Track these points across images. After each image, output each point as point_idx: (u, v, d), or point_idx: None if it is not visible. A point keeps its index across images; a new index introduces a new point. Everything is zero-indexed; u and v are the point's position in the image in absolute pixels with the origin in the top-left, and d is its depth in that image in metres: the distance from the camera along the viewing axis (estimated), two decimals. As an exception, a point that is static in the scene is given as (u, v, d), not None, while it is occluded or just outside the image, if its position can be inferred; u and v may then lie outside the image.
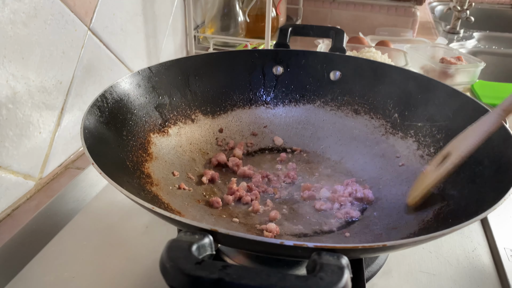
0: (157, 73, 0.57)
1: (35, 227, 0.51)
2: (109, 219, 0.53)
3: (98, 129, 0.45)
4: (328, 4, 1.36)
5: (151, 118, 0.55)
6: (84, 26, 0.63)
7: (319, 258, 0.26)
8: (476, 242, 0.51)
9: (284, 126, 0.64)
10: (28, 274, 0.45)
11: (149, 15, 0.82)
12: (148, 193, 0.45)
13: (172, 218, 0.31)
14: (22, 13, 0.51)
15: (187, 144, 0.58)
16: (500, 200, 0.34)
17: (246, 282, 0.24)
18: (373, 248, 0.30)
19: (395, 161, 0.55)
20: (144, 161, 0.50)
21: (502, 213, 0.55)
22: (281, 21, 1.22)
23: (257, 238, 0.29)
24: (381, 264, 0.46)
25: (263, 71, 0.65)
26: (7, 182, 0.53)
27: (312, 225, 0.48)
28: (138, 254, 0.47)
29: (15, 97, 0.52)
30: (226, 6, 1.04)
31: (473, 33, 1.34)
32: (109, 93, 0.49)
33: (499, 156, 0.43)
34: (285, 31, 0.68)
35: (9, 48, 0.50)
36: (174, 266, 0.25)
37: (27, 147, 0.56)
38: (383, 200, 0.51)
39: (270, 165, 0.59)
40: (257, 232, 0.47)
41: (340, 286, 0.24)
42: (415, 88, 0.57)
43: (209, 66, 0.62)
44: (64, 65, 0.60)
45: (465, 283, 0.45)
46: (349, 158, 0.59)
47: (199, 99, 0.61)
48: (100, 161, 0.37)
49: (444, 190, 0.47)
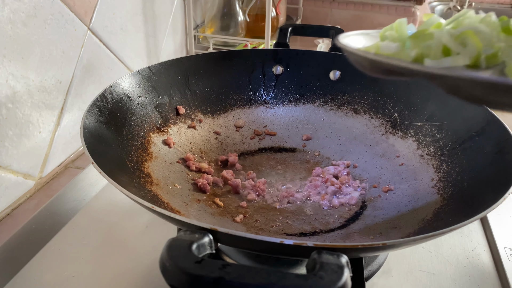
0: (157, 72, 0.57)
1: (35, 226, 0.51)
2: (109, 219, 0.53)
3: (98, 129, 0.45)
4: (328, 3, 1.36)
5: (151, 117, 0.55)
6: (83, 26, 0.63)
7: (319, 257, 0.26)
8: (476, 241, 0.51)
9: (284, 125, 0.65)
10: (27, 273, 0.45)
11: (149, 15, 0.82)
12: (148, 193, 0.45)
13: (172, 217, 0.31)
14: (21, 12, 0.51)
15: (187, 143, 0.58)
16: (500, 199, 0.34)
17: (246, 281, 0.24)
18: (372, 247, 0.30)
19: (395, 161, 0.55)
20: (144, 160, 0.50)
21: (502, 213, 0.55)
22: (281, 21, 1.22)
23: (257, 237, 0.29)
24: (380, 263, 0.46)
25: (263, 70, 0.65)
26: (6, 182, 0.53)
27: (312, 224, 0.48)
28: (138, 254, 0.47)
29: (14, 97, 0.52)
30: (226, 6, 1.04)
31: (473, 33, 1.34)
32: (109, 92, 0.49)
33: (499, 156, 0.43)
34: (285, 31, 0.68)
35: (8, 48, 0.50)
36: (174, 265, 0.25)
37: (27, 147, 0.56)
38: (383, 199, 0.51)
39: (270, 165, 0.59)
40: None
41: (340, 285, 0.24)
42: (415, 88, 0.57)
43: (209, 65, 0.62)
44: (64, 64, 0.60)
45: (465, 283, 0.45)
46: (349, 158, 0.59)
47: (199, 99, 0.61)
48: (100, 160, 0.37)
49: (444, 189, 0.47)
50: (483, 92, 0.23)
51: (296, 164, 0.59)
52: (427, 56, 0.29)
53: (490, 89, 0.23)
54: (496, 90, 0.22)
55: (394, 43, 0.31)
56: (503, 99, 0.23)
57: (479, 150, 0.46)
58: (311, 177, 0.56)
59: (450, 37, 0.28)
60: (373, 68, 0.29)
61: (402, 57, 0.30)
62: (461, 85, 0.24)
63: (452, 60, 0.27)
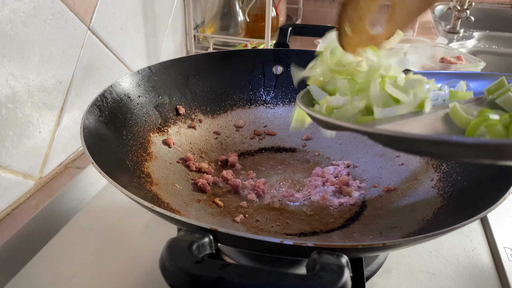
0: (157, 72, 0.57)
1: (35, 226, 0.51)
2: (109, 219, 0.53)
3: (98, 129, 0.45)
4: (328, 3, 1.36)
5: (151, 117, 0.55)
6: (83, 26, 0.63)
7: (319, 257, 0.26)
8: (476, 241, 0.51)
9: (284, 125, 0.64)
10: (27, 273, 0.45)
11: (149, 15, 0.82)
12: (148, 193, 0.45)
13: (172, 217, 0.31)
14: (21, 12, 0.51)
15: (187, 143, 0.58)
16: (500, 199, 0.34)
17: (246, 281, 0.24)
18: (372, 247, 0.30)
19: (395, 161, 0.55)
20: (144, 160, 0.50)
21: (502, 213, 0.55)
22: (281, 21, 1.22)
23: (257, 237, 0.29)
24: (380, 263, 0.46)
25: (263, 70, 0.65)
26: (6, 182, 0.53)
27: (312, 224, 0.48)
28: (138, 254, 0.47)
29: (14, 97, 0.52)
30: (226, 6, 1.04)
31: (473, 33, 1.34)
32: (108, 92, 0.49)
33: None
34: (285, 31, 0.68)
35: (8, 48, 0.50)
36: (174, 265, 0.25)
37: (27, 147, 0.56)
38: (383, 199, 0.51)
39: (270, 165, 0.59)
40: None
41: (340, 285, 0.24)
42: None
43: (209, 65, 0.62)
44: (64, 64, 0.60)
45: (465, 282, 0.45)
46: (349, 158, 0.59)
47: (198, 99, 0.61)
48: (100, 160, 0.37)
49: (444, 189, 0.47)
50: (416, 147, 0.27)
51: (296, 164, 0.59)
52: (376, 105, 0.33)
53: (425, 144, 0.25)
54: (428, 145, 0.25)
55: (342, 98, 0.35)
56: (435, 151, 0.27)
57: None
58: (311, 177, 0.56)
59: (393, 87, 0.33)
60: (323, 125, 0.34)
61: (351, 109, 0.34)
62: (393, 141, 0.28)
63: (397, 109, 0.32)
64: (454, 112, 0.31)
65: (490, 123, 0.27)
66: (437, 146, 0.25)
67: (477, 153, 0.24)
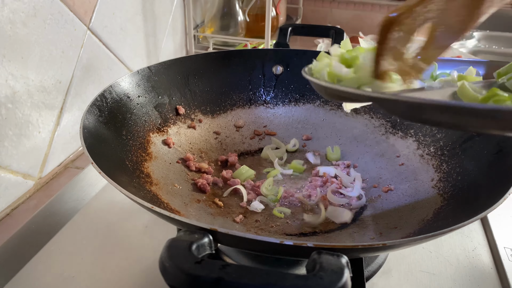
0: (157, 72, 0.56)
1: (35, 226, 0.51)
2: (108, 219, 0.53)
3: (98, 129, 0.45)
4: (328, 3, 1.36)
5: (151, 117, 0.55)
6: (83, 26, 0.63)
7: (319, 258, 0.26)
8: (476, 241, 0.51)
9: (284, 125, 0.64)
10: (27, 273, 0.45)
11: (148, 15, 0.82)
12: (147, 193, 0.45)
13: (171, 218, 0.31)
14: (21, 12, 0.51)
15: (187, 143, 0.58)
16: (500, 200, 0.34)
17: (245, 281, 0.24)
18: (372, 247, 0.30)
19: (395, 161, 0.55)
20: (143, 160, 0.50)
21: (502, 213, 0.55)
22: (281, 21, 1.22)
23: (256, 238, 0.29)
24: (381, 263, 0.46)
25: (263, 70, 0.65)
26: (6, 182, 0.53)
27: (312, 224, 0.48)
28: (137, 254, 0.47)
29: (14, 97, 0.52)
30: (226, 6, 1.03)
31: (473, 33, 1.34)
32: (108, 92, 0.49)
33: (499, 156, 0.43)
34: (285, 31, 0.68)
35: (8, 48, 0.50)
36: (174, 265, 0.25)
37: (27, 147, 0.56)
38: (383, 199, 0.51)
39: (270, 165, 0.59)
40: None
41: (340, 285, 0.24)
42: (415, 88, 0.57)
43: (208, 65, 0.62)
44: (64, 64, 0.60)
45: (465, 283, 0.45)
46: (349, 158, 0.59)
47: (198, 99, 0.61)
48: (99, 160, 0.37)
49: (444, 189, 0.47)
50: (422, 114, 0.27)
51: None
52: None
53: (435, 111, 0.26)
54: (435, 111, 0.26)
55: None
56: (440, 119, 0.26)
57: (479, 150, 0.46)
58: (311, 177, 0.56)
59: None
60: (327, 93, 0.33)
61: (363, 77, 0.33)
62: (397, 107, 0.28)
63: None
64: (462, 90, 0.30)
65: (499, 98, 0.27)
66: (449, 113, 0.25)
67: (487, 123, 0.24)
